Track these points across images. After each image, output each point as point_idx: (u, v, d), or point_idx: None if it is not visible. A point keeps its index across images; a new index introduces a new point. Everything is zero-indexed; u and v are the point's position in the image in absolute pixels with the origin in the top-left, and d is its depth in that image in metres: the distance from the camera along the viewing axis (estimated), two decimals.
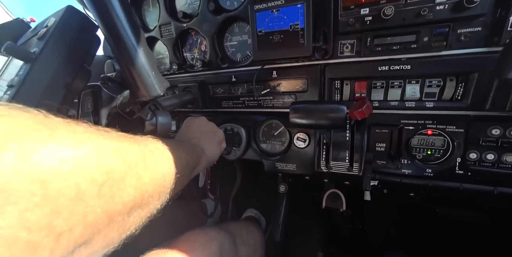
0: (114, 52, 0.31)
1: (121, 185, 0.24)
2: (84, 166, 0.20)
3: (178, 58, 0.76)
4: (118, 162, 0.24)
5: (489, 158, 0.53)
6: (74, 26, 0.35)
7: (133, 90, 0.33)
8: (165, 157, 0.34)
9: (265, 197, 1.26)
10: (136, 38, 0.30)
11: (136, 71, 0.30)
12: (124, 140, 0.28)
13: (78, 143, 0.21)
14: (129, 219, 0.27)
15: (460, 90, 0.52)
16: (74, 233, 0.19)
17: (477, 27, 0.47)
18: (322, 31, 0.56)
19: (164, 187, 0.33)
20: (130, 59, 0.30)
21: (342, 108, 0.45)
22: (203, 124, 0.60)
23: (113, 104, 0.41)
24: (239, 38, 0.68)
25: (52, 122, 0.21)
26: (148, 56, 0.31)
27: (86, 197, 0.20)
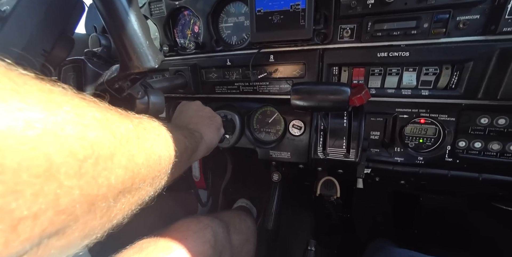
0: (102, 15, 0.27)
1: (109, 164, 0.19)
2: (59, 133, 0.16)
3: (169, 39, 0.72)
4: (106, 135, 0.19)
5: (477, 146, 0.55)
6: None
7: (124, 61, 0.30)
8: (162, 137, 0.30)
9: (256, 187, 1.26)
10: (128, 2, 0.26)
11: (128, 38, 0.27)
12: (114, 113, 0.23)
13: (53, 104, 0.16)
14: (116, 206, 0.22)
15: (454, 78, 0.53)
16: (41, 220, 0.15)
17: (476, 14, 0.47)
18: (323, 14, 0.54)
19: (159, 172, 0.28)
20: (121, 24, 0.26)
21: (346, 89, 0.44)
22: (200, 109, 0.56)
23: (100, 81, 0.37)
24: (235, 20, 0.64)
25: (20, 76, 0.15)
26: (142, 22, 0.28)
27: (60, 174, 0.15)
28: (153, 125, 0.30)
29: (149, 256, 0.42)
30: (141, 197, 0.27)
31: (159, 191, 0.31)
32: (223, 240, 0.56)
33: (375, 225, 0.96)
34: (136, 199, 0.26)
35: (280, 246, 1.05)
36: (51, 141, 0.15)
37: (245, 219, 0.76)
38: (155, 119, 0.31)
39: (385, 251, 0.56)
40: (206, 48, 0.67)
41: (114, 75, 0.34)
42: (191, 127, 0.47)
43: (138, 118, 0.28)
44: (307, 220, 1.06)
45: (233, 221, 0.68)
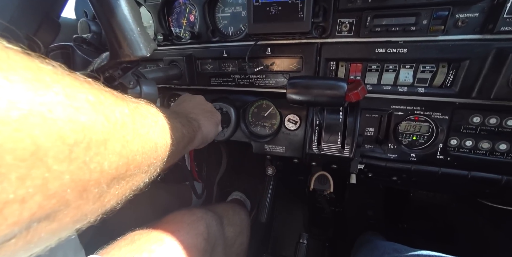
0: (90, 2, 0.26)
1: (101, 149, 0.18)
2: (47, 115, 0.15)
3: (163, 28, 0.69)
4: (99, 119, 0.18)
5: (467, 144, 0.56)
6: None
7: (114, 48, 0.28)
8: (159, 124, 0.29)
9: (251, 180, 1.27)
10: None
11: (117, 24, 0.25)
12: (109, 95, 0.21)
13: (41, 83, 0.15)
14: (109, 191, 0.22)
15: (450, 77, 0.53)
16: (29, 204, 0.14)
17: (475, 12, 0.47)
18: (322, 7, 0.53)
19: (155, 159, 0.27)
20: (110, 9, 0.25)
21: (342, 85, 0.44)
22: (202, 103, 0.56)
23: (89, 69, 0.35)
24: (232, 10, 0.62)
25: (2, 49, 0.14)
26: (133, 7, 0.27)
27: (48, 158, 0.15)
28: (151, 111, 0.28)
29: (141, 248, 0.42)
30: (136, 183, 0.26)
31: (153, 177, 0.30)
32: (216, 232, 0.56)
33: (366, 219, 0.99)
34: (131, 185, 0.25)
35: (272, 239, 1.06)
36: (37, 123, 0.14)
37: (238, 211, 0.76)
38: (152, 105, 0.30)
39: (371, 243, 0.57)
40: (202, 39, 0.65)
41: (104, 63, 0.32)
42: (191, 116, 0.47)
43: (135, 103, 0.26)
44: (300, 213, 1.07)
45: (226, 213, 0.69)
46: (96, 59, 0.35)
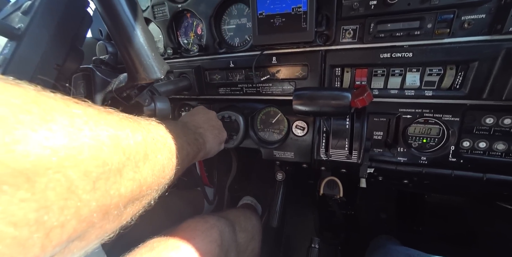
0: (109, 30, 0.28)
1: (118, 178, 0.22)
2: (78, 157, 0.18)
3: (172, 42, 0.73)
4: (116, 153, 0.22)
5: (481, 146, 0.55)
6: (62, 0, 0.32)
7: (131, 73, 0.31)
8: (167, 146, 0.32)
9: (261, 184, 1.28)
10: (133, 15, 0.27)
11: (135, 51, 0.28)
12: (127, 125, 0.25)
13: (74, 129, 0.19)
14: (126, 211, 0.26)
15: (459, 79, 0.52)
16: (67, 228, 0.18)
17: (482, 14, 0.46)
18: (324, 16, 0.54)
19: (164, 178, 0.31)
20: (127, 39, 0.27)
21: (347, 95, 0.45)
22: (213, 119, 0.59)
23: (108, 89, 0.38)
24: (237, 21, 0.65)
25: (47, 101, 0.18)
26: (147, 35, 0.29)
27: (79, 190, 0.18)
28: (160, 133, 0.32)
29: (160, 255, 0.44)
30: (147, 201, 0.30)
31: (161, 193, 0.33)
32: (229, 239, 0.58)
33: (379, 222, 0.97)
34: (143, 203, 0.29)
35: (284, 244, 1.07)
36: (71, 164, 0.18)
37: (250, 217, 0.78)
38: (162, 125, 0.33)
39: (384, 248, 0.57)
40: (209, 50, 0.68)
41: (122, 85, 0.35)
42: (199, 131, 0.50)
43: (147, 125, 0.30)
44: (311, 217, 1.07)
45: (238, 219, 0.70)
46: (114, 80, 0.38)
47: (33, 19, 0.29)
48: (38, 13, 0.29)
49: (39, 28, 0.30)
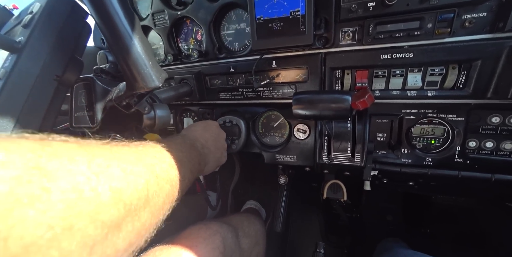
0: (107, 41, 0.29)
1: (116, 234, 0.22)
2: (75, 226, 0.18)
3: (173, 48, 0.73)
4: (117, 208, 0.22)
5: (488, 146, 0.54)
6: (61, 12, 0.33)
7: (130, 82, 0.31)
8: (169, 180, 0.32)
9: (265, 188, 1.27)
10: (130, 25, 0.28)
11: (132, 61, 0.28)
12: (130, 171, 0.24)
13: (75, 194, 0.18)
14: (130, 249, 0.26)
15: (462, 78, 0.51)
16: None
17: (483, 12, 0.46)
18: (323, 18, 0.54)
19: (162, 215, 0.31)
20: (125, 49, 0.28)
21: (347, 98, 0.44)
22: (221, 141, 0.59)
23: (109, 98, 0.39)
24: (236, 27, 0.65)
25: (48, 162, 0.17)
26: (144, 45, 0.29)
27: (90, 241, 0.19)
28: (164, 168, 0.31)
29: None
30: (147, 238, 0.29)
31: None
32: (232, 245, 0.57)
33: (385, 225, 0.95)
34: (145, 238, 0.29)
35: (289, 248, 1.06)
36: (66, 236, 0.17)
37: (253, 221, 0.77)
38: (168, 152, 0.33)
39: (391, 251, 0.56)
40: (209, 56, 0.68)
41: (121, 94, 0.35)
42: (204, 152, 0.50)
43: (152, 160, 0.29)
44: (315, 221, 1.06)
45: (241, 225, 0.70)
46: (114, 89, 0.39)
47: (33, 32, 0.30)
48: (38, 26, 0.30)
49: (39, 40, 0.30)
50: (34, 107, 0.30)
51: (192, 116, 0.82)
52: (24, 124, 0.29)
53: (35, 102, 0.30)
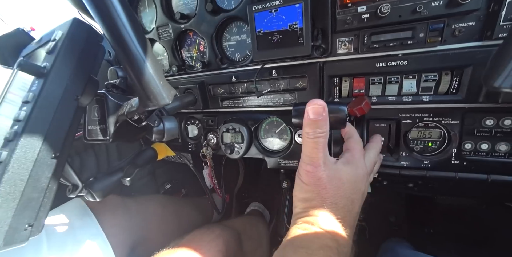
0: (122, 64, 0.32)
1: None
2: None
3: (177, 59, 0.77)
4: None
5: (483, 148, 0.56)
6: (81, 38, 0.36)
7: (143, 100, 0.34)
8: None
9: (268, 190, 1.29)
10: (143, 49, 0.30)
11: (146, 82, 0.31)
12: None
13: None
14: None
15: (455, 83, 0.53)
16: None
17: (471, 21, 0.48)
18: (320, 30, 0.56)
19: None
20: (139, 71, 0.30)
21: (343, 108, 0.47)
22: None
23: (120, 112, 0.42)
24: (237, 38, 0.68)
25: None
26: (156, 66, 0.32)
27: None
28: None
29: None
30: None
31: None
32: (235, 248, 0.59)
33: (388, 225, 0.97)
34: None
35: None
36: None
37: (256, 224, 0.79)
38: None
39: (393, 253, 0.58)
40: (212, 66, 0.71)
41: (133, 110, 0.38)
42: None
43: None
44: None
45: (244, 228, 0.72)
46: (125, 103, 0.42)
47: (57, 58, 0.33)
48: (61, 52, 0.33)
49: (62, 65, 0.33)
50: (58, 126, 0.33)
51: (196, 123, 0.85)
52: (50, 142, 0.32)
53: (59, 122, 0.33)
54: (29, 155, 0.30)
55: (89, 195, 0.45)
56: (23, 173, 0.30)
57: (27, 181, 0.30)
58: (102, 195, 0.45)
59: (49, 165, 0.32)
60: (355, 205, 0.41)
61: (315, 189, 0.40)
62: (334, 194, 0.39)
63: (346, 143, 0.50)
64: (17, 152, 0.29)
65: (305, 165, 0.42)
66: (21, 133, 0.30)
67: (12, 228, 0.29)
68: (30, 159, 0.30)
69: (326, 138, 0.42)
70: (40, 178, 0.31)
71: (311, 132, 0.41)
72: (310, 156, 0.41)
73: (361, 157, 0.46)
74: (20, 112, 0.30)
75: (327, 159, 0.42)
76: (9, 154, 0.29)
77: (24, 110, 0.31)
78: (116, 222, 0.64)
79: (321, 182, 0.39)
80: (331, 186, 0.39)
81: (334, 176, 0.40)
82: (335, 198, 0.39)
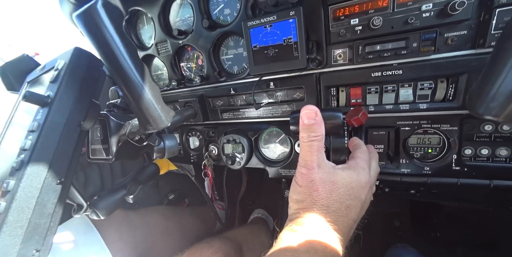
0: (122, 91, 0.33)
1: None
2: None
3: (176, 74, 0.78)
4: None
5: (484, 153, 0.56)
6: (82, 66, 0.37)
7: (143, 124, 0.35)
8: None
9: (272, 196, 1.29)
10: (141, 76, 0.31)
11: (145, 106, 0.32)
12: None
13: None
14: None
15: (451, 91, 0.54)
16: None
17: (463, 30, 0.49)
18: (314, 42, 0.57)
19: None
20: (138, 97, 0.32)
21: (338, 115, 0.47)
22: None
23: (122, 132, 0.43)
24: (234, 51, 0.69)
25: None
26: (154, 91, 0.33)
27: None
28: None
29: None
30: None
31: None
32: None
33: (393, 230, 0.96)
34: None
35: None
36: None
37: (258, 234, 0.79)
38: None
39: None
40: (210, 80, 0.73)
41: (134, 131, 0.40)
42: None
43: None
44: None
45: (245, 238, 0.72)
46: (126, 124, 0.43)
47: (60, 86, 0.34)
48: (64, 81, 0.35)
49: (65, 94, 0.35)
50: (63, 152, 0.34)
51: (197, 135, 0.86)
52: (55, 168, 0.33)
53: (64, 148, 0.34)
54: (36, 182, 0.31)
55: (94, 214, 0.46)
56: (30, 200, 0.31)
57: (33, 208, 0.31)
58: (106, 213, 0.46)
59: (55, 191, 0.33)
60: (351, 211, 0.40)
61: (307, 191, 0.40)
62: (326, 197, 0.39)
63: (353, 152, 0.50)
64: (24, 180, 0.30)
65: (300, 167, 0.43)
66: (27, 162, 0.31)
67: (20, 255, 0.30)
68: (36, 186, 0.31)
69: (321, 141, 0.43)
70: (47, 204, 0.32)
71: (305, 136, 0.42)
72: (304, 159, 0.42)
73: (366, 165, 0.46)
74: (26, 142, 0.32)
75: (323, 163, 0.43)
76: (17, 183, 0.30)
77: (29, 139, 0.32)
78: (120, 236, 0.65)
79: (313, 184, 0.40)
80: (324, 189, 0.39)
81: (328, 179, 0.40)
82: (327, 201, 0.39)
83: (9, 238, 0.29)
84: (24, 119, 0.36)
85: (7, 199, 0.30)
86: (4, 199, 0.30)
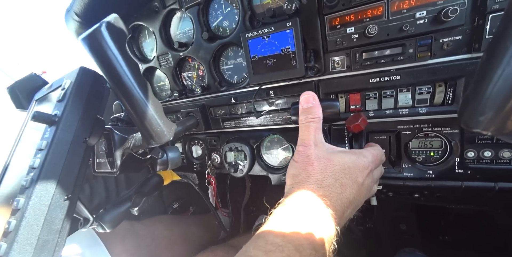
0: (125, 107, 0.34)
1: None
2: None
3: (178, 85, 0.80)
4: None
5: (487, 155, 0.55)
6: (87, 84, 0.39)
7: (146, 138, 0.36)
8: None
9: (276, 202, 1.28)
10: (144, 93, 0.33)
11: (148, 122, 0.34)
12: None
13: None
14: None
15: (449, 94, 0.54)
16: None
17: (458, 36, 0.49)
18: (312, 51, 0.59)
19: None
20: (141, 113, 0.33)
21: (336, 104, 0.50)
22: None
23: (126, 146, 0.44)
24: (234, 62, 0.71)
25: None
26: (157, 107, 0.35)
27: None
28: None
29: None
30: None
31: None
32: None
33: (400, 235, 0.95)
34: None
35: None
36: None
37: None
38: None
39: None
40: (211, 90, 0.74)
41: (138, 145, 0.41)
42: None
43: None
44: None
45: None
46: (130, 138, 0.44)
47: (67, 105, 0.35)
48: (70, 100, 0.36)
49: (71, 112, 0.36)
50: (69, 169, 0.35)
51: (200, 144, 0.87)
52: (63, 185, 0.34)
53: (70, 165, 0.35)
54: (44, 200, 0.32)
55: (100, 227, 0.46)
56: (39, 218, 0.32)
57: (42, 225, 0.32)
58: (112, 226, 0.47)
59: (62, 207, 0.34)
60: (345, 189, 0.40)
61: (302, 165, 0.42)
62: (320, 172, 0.40)
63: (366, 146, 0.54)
64: (33, 198, 0.31)
65: (297, 146, 0.45)
66: (36, 180, 0.32)
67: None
68: (45, 203, 0.32)
69: (319, 123, 0.46)
70: (54, 220, 0.33)
71: (303, 118, 0.46)
72: (302, 138, 0.45)
73: (370, 156, 0.47)
74: (35, 160, 0.33)
75: (320, 142, 0.45)
76: (26, 201, 0.31)
77: (38, 157, 0.33)
78: (125, 248, 0.65)
79: (309, 159, 0.42)
80: (319, 164, 0.41)
81: (323, 156, 0.42)
82: (321, 176, 0.40)
83: (19, 256, 0.30)
84: (33, 136, 0.38)
85: (17, 217, 0.31)
86: (14, 217, 0.31)
